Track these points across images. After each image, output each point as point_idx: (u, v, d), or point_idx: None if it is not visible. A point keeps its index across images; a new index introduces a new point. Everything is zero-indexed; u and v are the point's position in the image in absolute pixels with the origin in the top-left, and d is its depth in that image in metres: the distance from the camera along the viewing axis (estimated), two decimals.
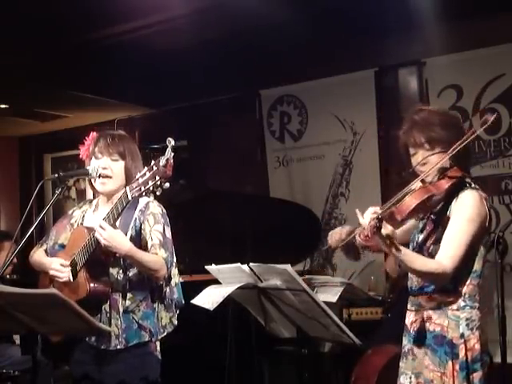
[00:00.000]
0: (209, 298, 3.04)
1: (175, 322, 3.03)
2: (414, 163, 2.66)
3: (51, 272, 2.97)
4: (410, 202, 2.48)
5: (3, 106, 6.56)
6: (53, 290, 2.47)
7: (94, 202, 3.16)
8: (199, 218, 5.01)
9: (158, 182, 2.58)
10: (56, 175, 3.00)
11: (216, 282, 3.25)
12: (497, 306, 3.48)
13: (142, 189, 2.62)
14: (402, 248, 2.45)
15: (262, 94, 6.30)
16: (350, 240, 2.72)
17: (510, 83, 5.01)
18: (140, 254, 2.85)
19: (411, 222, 2.80)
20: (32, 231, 2.94)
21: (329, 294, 3.75)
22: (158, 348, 3.02)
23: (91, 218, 3.08)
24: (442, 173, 2.58)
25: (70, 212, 3.20)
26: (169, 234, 2.98)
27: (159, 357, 3.02)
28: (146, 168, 2.63)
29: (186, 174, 6.14)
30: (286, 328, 3.24)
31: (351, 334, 2.92)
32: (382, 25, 4.89)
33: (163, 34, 5.07)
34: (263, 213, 4.97)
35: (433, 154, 2.58)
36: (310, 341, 3.32)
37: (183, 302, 3.06)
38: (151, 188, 2.60)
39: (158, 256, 2.89)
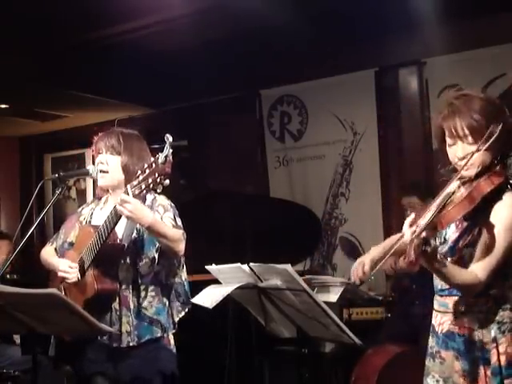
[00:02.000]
0: (209, 298, 3.04)
1: (176, 319, 3.04)
2: (451, 155, 2.38)
3: (59, 273, 2.97)
4: (454, 214, 2.25)
5: (3, 106, 6.56)
6: (53, 290, 2.47)
7: (103, 199, 3.16)
8: (199, 217, 5.00)
9: (158, 180, 2.58)
10: (56, 175, 3.01)
11: (216, 281, 3.25)
12: None
13: (143, 186, 2.62)
14: (447, 263, 2.26)
15: (263, 93, 6.30)
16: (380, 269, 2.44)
17: (510, 83, 5.01)
18: (162, 225, 2.84)
19: None
20: (32, 231, 2.95)
21: (329, 294, 3.75)
22: (172, 342, 3.03)
23: (99, 215, 3.09)
24: (484, 172, 2.31)
25: (80, 209, 3.22)
26: (180, 222, 2.99)
27: (174, 350, 3.03)
28: (145, 165, 2.63)
29: (186, 173, 6.15)
30: (286, 328, 3.24)
31: (351, 334, 2.92)
32: (383, 25, 4.90)
33: (163, 34, 5.08)
34: (263, 213, 4.97)
35: (477, 151, 2.28)
36: (310, 341, 3.32)
37: (190, 297, 3.07)
38: (151, 185, 2.60)
39: (177, 230, 2.91)
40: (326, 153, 5.94)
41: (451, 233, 2.47)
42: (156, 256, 2.95)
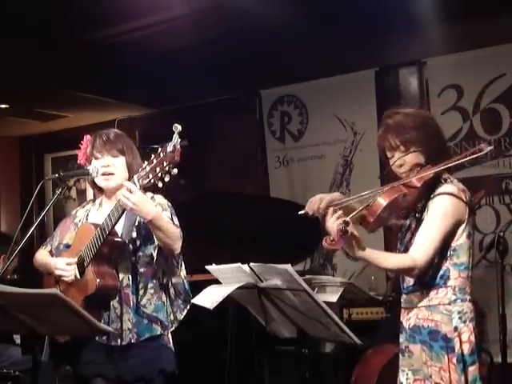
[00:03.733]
0: (209, 298, 3.04)
1: (180, 317, 3.05)
2: (391, 165, 2.73)
3: (57, 272, 2.96)
4: (380, 202, 2.55)
5: (3, 106, 6.55)
6: (53, 290, 2.47)
7: (98, 200, 3.16)
8: (199, 217, 5.00)
9: (167, 168, 2.58)
10: (56, 175, 3.01)
11: (217, 281, 3.25)
12: (497, 305, 3.49)
13: (151, 176, 2.62)
14: (369, 250, 2.50)
15: (263, 93, 6.30)
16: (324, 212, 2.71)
17: (510, 83, 5.02)
18: (164, 221, 2.84)
19: None
20: (32, 231, 2.94)
21: (329, 294, 3.75)
22: (171, 340, 3.04)
23: (95, 217, 3.08)
24: (416, 170, 2.64)
25: (74, 212, 3.21)
26: (177, 221, 2.99)
27: (173, 349, 3.04)
28: (152, 156, 2.63)
29: (186, 173, 6.14)
30: (286, 328, 3.24)
31: (352, 334, 2.92)
32: (383, 25, 4.89)
33: (163, 34, 5.07)
34: (263, 213, 4.97)
35: (407, 154, 2.65)
36: (310, 341, 3.32)
37: (191, 295, 3.07)
38: (160, 174, 2.59)
39: (176, 227, 2.91)
40: (326, 153, 5.94)
41: (407, 234, 2.71)
42: (154, 254, 2.95)
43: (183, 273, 3.06)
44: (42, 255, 3.15)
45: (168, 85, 5.97)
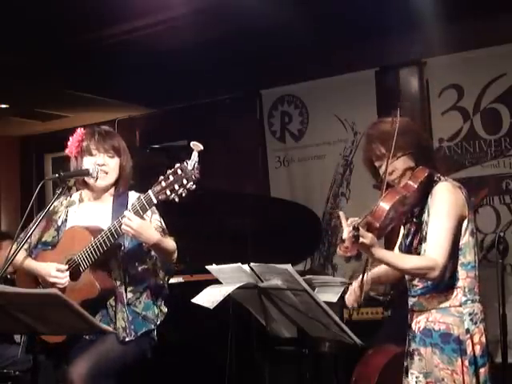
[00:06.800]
0: (209, 297, 3.04)
1: (164, 310, 3.12)
2: (382, 173, 2.71)
3: (50, 279, 2.96)
4: (383, 206, 2.55)
5: (3, 106, 6.56)
6: (53, 290, 2.47)
7: (76, 196, 3.15)
8: (199, 217, 5.00)
9: (187, 186, 2.64)
10: (56, 175, 3.02)
11: (217, 281, 3.25)
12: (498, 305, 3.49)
13: (169, 192, 2.66)
14: (385, 251, 2.52)
15: (263, 93, 6.29)
16: (367, 291, 2.77)
17: (510, 83, 5.02)
18: (166, 242, 2.93)
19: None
20: (32, 231, 2.94)
21: (329, 294, 3.74)
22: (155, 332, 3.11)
23: (77, 215, 3.10)
24: (409, 173, 2.65)
25: (51, 208, 3.11)
26: (163, 224, 3.06)
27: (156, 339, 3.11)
28: (168, 171, 2.66)
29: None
30: (286, 328, 3.24)
31: (352, 334, 2.92)
32: (383, 25, 4.90)
33: (163, 33, 5.08)
34: (264, 213, 4.97)
35: (396, 159, 2.64)
36: (311, 341, 3.32)
37: (167, 292, 3.16)
38: (179, 192, 2.65)
39: (172, 241, 2.99)
40: (326, 153, 5.94)
41: (407, 239, 2.71)
42: (146, 256, 3.00)
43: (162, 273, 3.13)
44: (26, 260, 3.08)
45: (168, 85, 5.97)
